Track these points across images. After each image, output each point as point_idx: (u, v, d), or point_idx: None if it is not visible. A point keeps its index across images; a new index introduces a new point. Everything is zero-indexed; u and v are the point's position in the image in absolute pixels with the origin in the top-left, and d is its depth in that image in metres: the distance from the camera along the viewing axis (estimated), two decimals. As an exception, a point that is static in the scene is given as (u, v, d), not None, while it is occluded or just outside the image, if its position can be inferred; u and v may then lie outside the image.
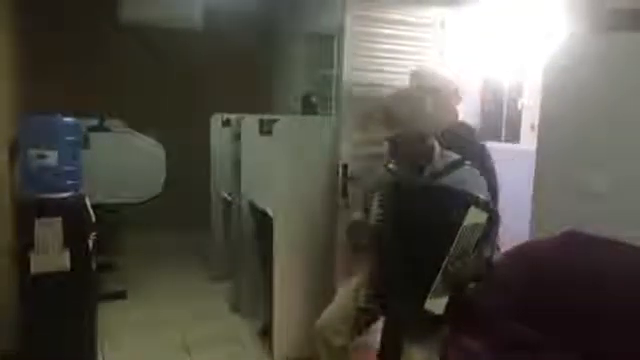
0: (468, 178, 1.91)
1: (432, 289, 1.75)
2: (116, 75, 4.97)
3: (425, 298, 1.77)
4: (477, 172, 1.95)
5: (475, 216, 1.69)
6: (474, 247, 1.74)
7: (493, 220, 1.73)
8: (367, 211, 2.16)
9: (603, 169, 2.31)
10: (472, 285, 1.91)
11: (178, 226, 4.83)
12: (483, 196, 1.80)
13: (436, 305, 1.77)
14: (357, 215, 2.21)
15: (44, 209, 2.54)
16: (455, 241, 1.71)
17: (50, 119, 2.74)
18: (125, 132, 3.68)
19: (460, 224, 1.70)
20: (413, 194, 1.90)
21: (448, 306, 1.78)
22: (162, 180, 3.58)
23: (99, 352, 2.87)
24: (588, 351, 1.91)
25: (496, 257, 1.84)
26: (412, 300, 1.80)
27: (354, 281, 2.22)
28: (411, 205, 1.86)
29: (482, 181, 1.93)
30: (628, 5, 2.23)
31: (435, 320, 1.92)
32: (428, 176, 1.96)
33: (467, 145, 2.16)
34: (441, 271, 1.74)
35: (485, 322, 2.18)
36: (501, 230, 1.90)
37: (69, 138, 2.76)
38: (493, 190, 2.05)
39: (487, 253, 1.79)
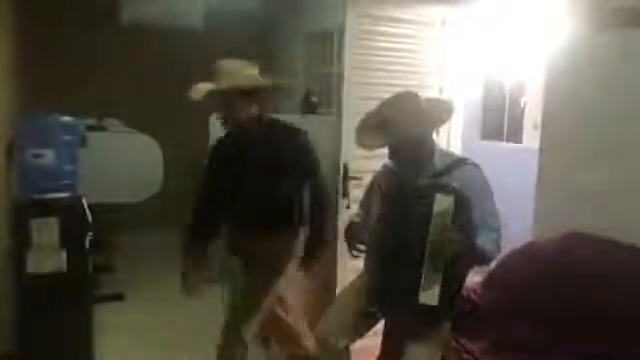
0: (471, 177, 1.88)
1: (422, 281, 1.75)
2: (115, 74, 4.95)
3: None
4: (479, 170, 1.92)
5: (442, 202, 1.74)
6: (451, 230, 1.72)
7: (459, 201, 1.74)
8: (367, 213, 2.13)
9: (606, 169, 2.28)
10: (459, 267, 1.88)
11: (176, 226, 4.79)
12: (456, 184, 1.78)
13: (429, 296, 1.76)
14: (355, 217, 2.17)
15: (40, 209, 2.52)
16: (430, 229, 1.73)
17: (47, 118, 2.72)
18: (123, 131, 3.65)
19: (431, 213, 1.74)
20: (413, 194, 1.86)
21: (441, 296, 1.76)
22: (160, 180, 3.55)
23: (96, 353, 2.85)
24: (589, 352, 1.88)
25: (482, 240, 1.79)
26: (411, 299, 1.78)
27: (355, 283, 2.19)
28: (412, 206, 1.83)
29: (485, 179, 1.90)
30: (630, 3, 2.21)
31: (435, 320, 1.89)
32: (429, 176, 1.92)
33: None
34: (425, 258, 1.73)
35: (485, 322, 2.16)
36: (502, 230, 1.87)
37: (66, 137, 2.74)
38: None
39: (467, 233, 1.75)
